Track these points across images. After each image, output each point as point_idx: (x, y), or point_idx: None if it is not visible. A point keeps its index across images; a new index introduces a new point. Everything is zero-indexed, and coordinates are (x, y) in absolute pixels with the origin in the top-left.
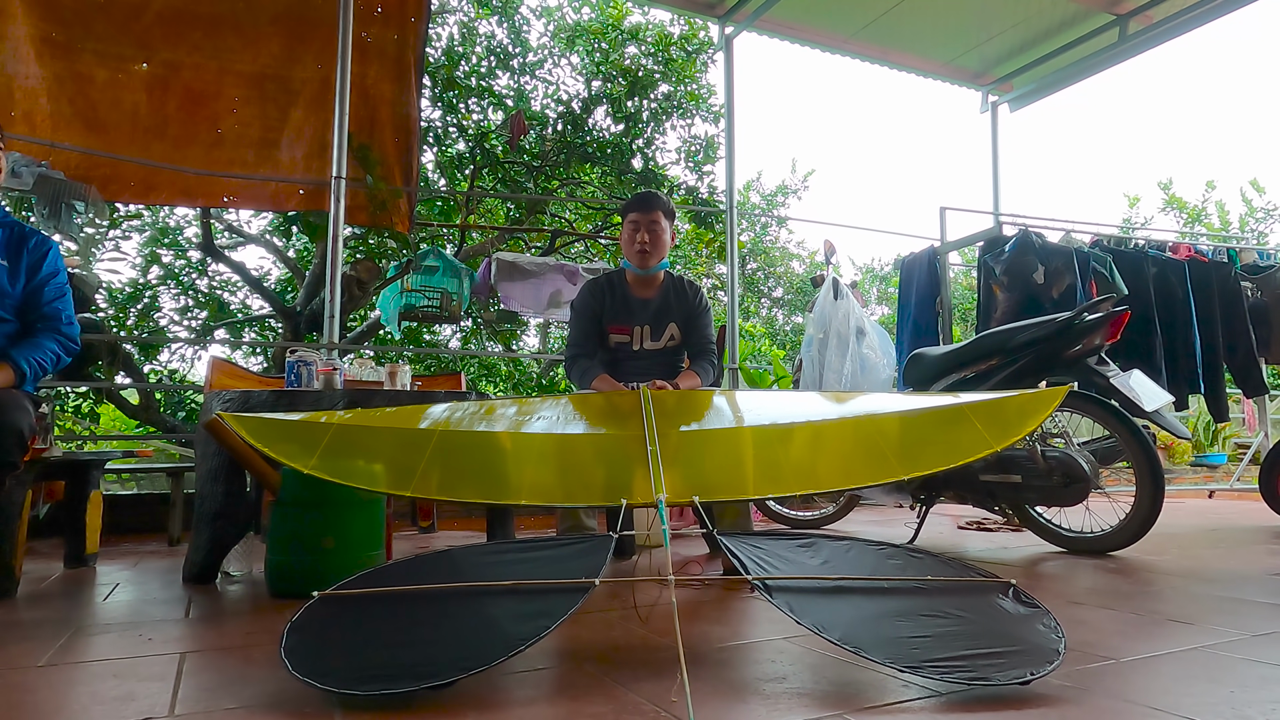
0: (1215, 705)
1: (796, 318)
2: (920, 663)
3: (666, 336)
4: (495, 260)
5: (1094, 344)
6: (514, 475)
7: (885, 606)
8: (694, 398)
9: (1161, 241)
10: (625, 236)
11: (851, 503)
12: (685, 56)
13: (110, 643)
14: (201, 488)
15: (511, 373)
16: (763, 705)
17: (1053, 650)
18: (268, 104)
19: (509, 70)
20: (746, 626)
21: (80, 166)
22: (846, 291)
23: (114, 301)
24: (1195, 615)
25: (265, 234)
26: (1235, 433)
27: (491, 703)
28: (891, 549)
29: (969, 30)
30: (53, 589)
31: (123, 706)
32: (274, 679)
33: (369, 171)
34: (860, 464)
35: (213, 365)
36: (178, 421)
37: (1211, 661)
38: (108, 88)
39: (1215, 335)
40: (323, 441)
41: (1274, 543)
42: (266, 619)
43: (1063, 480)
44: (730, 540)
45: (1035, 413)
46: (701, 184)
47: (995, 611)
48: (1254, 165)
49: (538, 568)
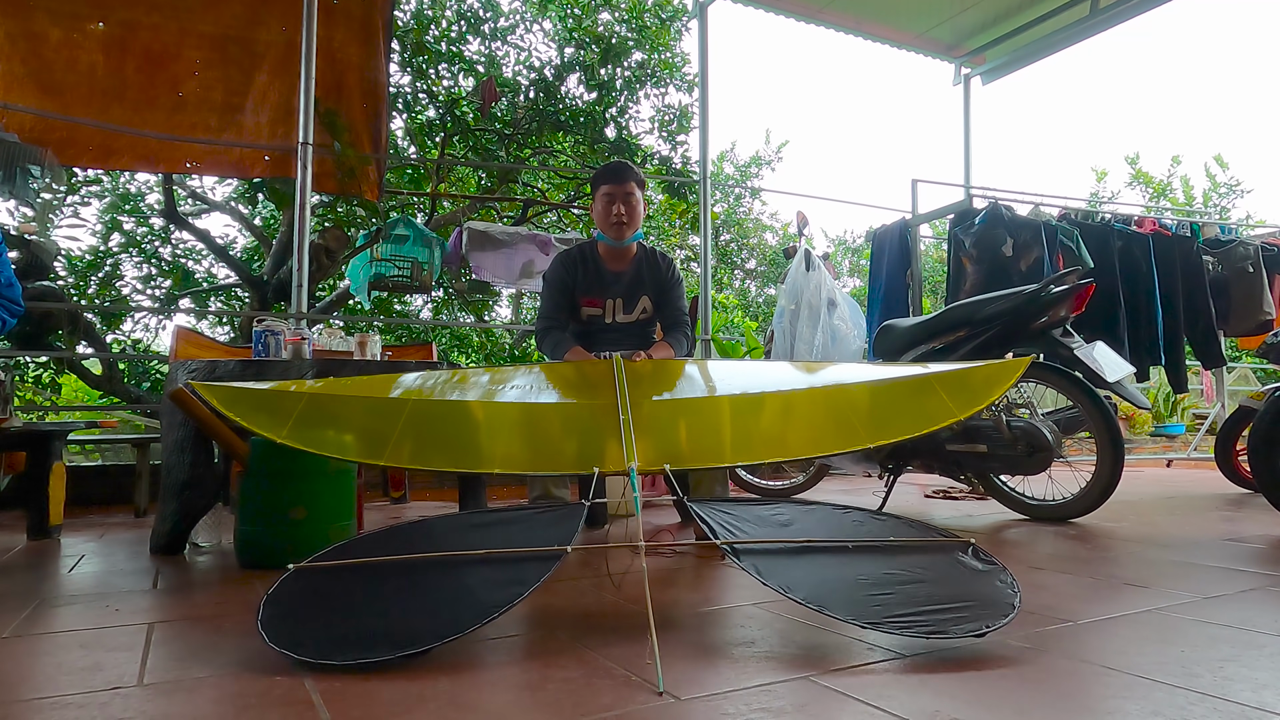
0: (1166, 664)
1: (770, 289)
2: (881, 619)
3: (639, 309)
4: (466, 230)
5: (1059, 316)
6: (487, 444)
7: (849, 567)
8: (666, 367)
9: (1127, 215)
10: (599, 208)
11: (821, 472)
12: (659, 24)
13: (76, 614)
14: (168, 459)
15: (484, 343)
16: (731, 668)
17: (1008, 604)
18: (231, 67)
19: (480, 35)
20: (717, 593)
21: (35, 129)
22: (819, 263)
23: (74, 269)
24: (1150, 579)
25: (230, 201)
26: (1194, 404)
27: (465, 668)
28: (857, 512)
29: (943, 2)
30: (15, 561)
31: (90, 676)
32: (244, 648)
33: (336, 138)
34: (829, 432)
35: (178, 335)
36: (142, 392)
37: (1164, 623)
38: (62, 47)
39: (1176, 308)
40: (295, 411)
41: (1227, 510)
42: (236, 589)
43: (1027, 449)
44: (700, 506)
45: (997, 384)
46: (675, 154)
47: (955, 569)
48: (1218, 141)
49: (510, 536)
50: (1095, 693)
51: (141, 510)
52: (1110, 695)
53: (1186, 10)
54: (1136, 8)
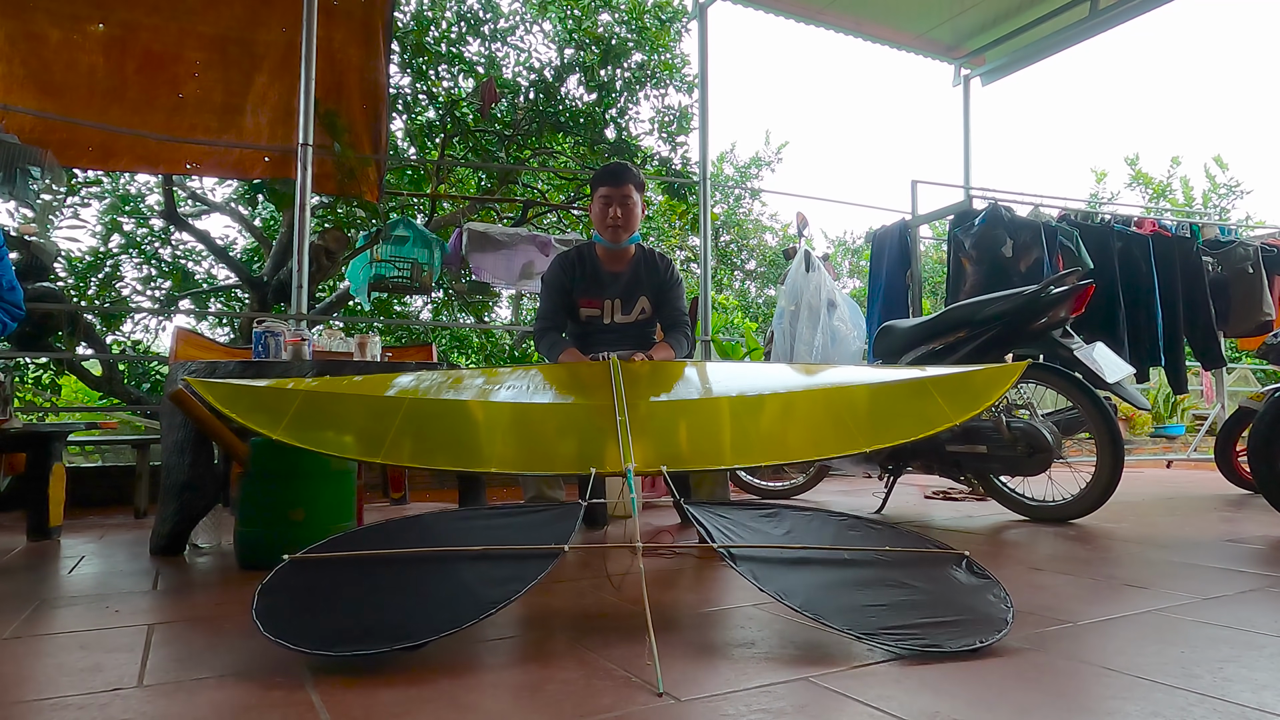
0: (1165, 665)
1: (769, 290)
2: (876, 630)
3: (637, 310)
4: (466, 231)
5: (1059, 317)
6: (485, 444)
7: (845, 575)
8: (664, 369)
9: (1127, 216)
10: (596, 210)
11: (821, 473)
12: (659, 25)
13: (76, 615)
14: (168, 459)
15: (483, 344)
16: (731, 669)
17: (1001, 619)
18: (231, 68)
19: (480, 36)
20: (717, 594)
21: (35, 130)
22: (818, 264)
23: (74, 270)
24: (1150, 580)
25: (230, 202)
26: (1194, 404)
27: (465, 669)
28: (852, 520)
29: (942, 3)
30: (15, 562)
31: (90, 677)
32: (244, 649)
33: (336, 139)
34: (828, 435)
35: (178, 336)
36: (142, 393)
37: (1164, 623)
38: (62, 48)
39: (1176, 309)
40: (291, 408)
41: (1227, 510)
42: (236, 590)
43: (1026, 450)
44: (697, 509)
45: (994, 388)
46: (675, 155)
47: (949, 582)
48: (1218, 142)
49: (509, 534)
50: (1095, 693)
51: (141, 511)
52: (1110, 696)
53: (1186, 10)
54: (1136, 8)
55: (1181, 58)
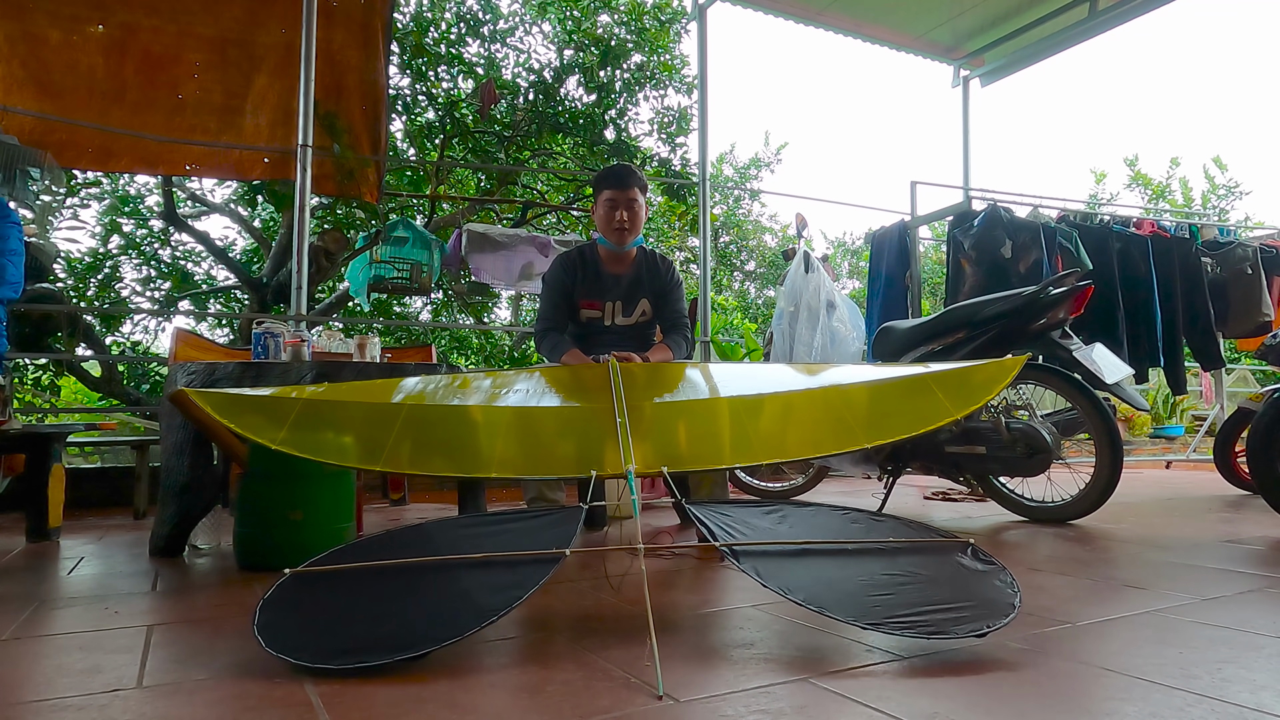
0: (1164, 665)
1: (769, 291)
2: (881, 619)
3: (638, 312)
4: (466, 232)
5: (1058, 318)
6: (485, 448)
7: (848, 568)
8: (664, 370)
9: (1126, 217)
10: (601, 213)
11: (821, 474)
12: (658, 26)
13: (76, 616)
14: (167, 461)
15: (483, 345)
16: (731, 670)
17: (1008, 604)
18: (230, 69)
19: (479, 37)
20: (717, 595)
21: (35, 131)
22: (818, 265)
23: (73, 271)
24: (1149, 580)
25: (230, 203)
26: (1193, 405)
27: (465, 670)
28: (855, 513)
29: (942, 4)
30: (15, 563)
31: (90, 678)
32: (244, 650)
33: (336, 140)
34: (827, 434)
35: (177, 337)
36: (142, 394)
37: (1163, 624)
38: (62, 49)
39: (1175, 310)
40: (290, 416)
41: (1226, 511)
42: (235, 591)
43: (1026, 451)
44: (699, 509)
45: (994, 382)
46: (674, 156)
47: (954, 569)
48: (1217, 143)
49: (509, 540)
50: (1094, 694)
51: (141, 512)
52: (1109, 697)
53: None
54: (1136, 9)
55: (1181, 58)
